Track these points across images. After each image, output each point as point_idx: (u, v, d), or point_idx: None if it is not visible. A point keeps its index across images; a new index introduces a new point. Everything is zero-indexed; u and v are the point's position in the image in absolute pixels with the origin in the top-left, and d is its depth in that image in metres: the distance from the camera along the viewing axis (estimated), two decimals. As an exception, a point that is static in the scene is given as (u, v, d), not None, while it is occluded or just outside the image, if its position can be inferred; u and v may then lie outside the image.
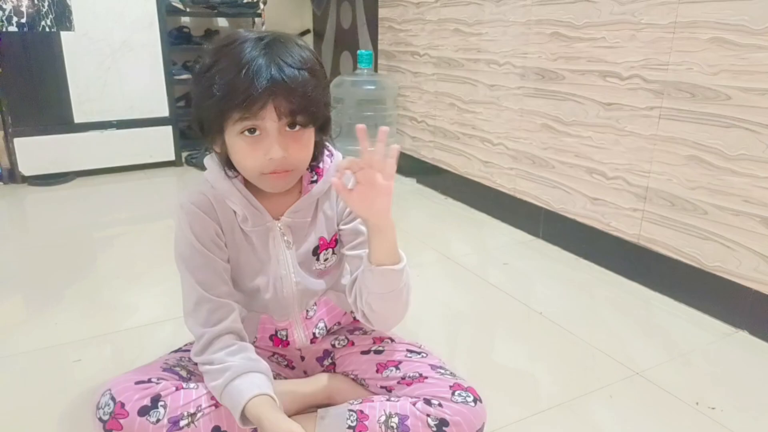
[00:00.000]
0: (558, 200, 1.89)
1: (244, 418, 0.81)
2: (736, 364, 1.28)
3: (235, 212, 0.91)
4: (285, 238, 0.95)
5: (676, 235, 1.52)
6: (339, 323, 1.06)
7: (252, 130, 0.81)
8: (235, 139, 0.83)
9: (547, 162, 1.90)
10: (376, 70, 2.80)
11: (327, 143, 0.96)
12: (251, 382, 0.83)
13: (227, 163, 0.89)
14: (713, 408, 1.11)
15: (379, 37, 2.80)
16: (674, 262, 1.53)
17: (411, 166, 2.66)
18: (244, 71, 0.78)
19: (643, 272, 1.63)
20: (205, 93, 0.82)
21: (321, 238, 0.98)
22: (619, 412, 1.10)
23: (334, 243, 1.00)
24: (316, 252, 0.98)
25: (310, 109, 0.82)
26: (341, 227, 0.99)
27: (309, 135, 0.86)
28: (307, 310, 1.00)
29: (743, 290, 1.38)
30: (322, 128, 0.90)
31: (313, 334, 1.01)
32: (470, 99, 2.22)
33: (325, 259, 0.99)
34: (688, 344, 1.34)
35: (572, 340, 1.36)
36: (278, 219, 0.94)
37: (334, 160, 0.98)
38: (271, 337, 1.01)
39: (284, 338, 1.00)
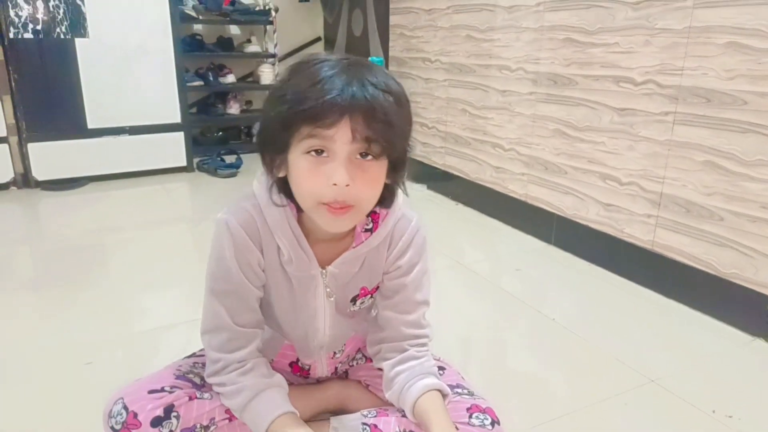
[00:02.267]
0: (571, 206, 1.87)
1: None
2: (754, 372, 1.25)
3: (279, 248, 0.82)
4: (327, 289, 0.87)
5: (691, 242, 1.51)
6: (359, 349, 1.04)
7: (319, 152, 0.71)
8: (299, 159, 0.72)
9: (560, 168, 1.89)
10: (387, 76, 2.80)
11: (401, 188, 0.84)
12: (270, 401, 0.81)
13: (282, 189, 0.79)
14: (730, 416, 1.09)
15: (391, 43, 2.81)
16: (689, 269, 1.51)
17: (422, 172, 2.66)
18: (319, 84, 0.69)
19: (657, 279, 1.61)
20: (273, 106, 0.73)
21: (362, 288, 0.90)
22: (634, 420, 1.09)
23: (375, 290, 0.92)
24: (354, 299, 0.91)
25: (389, 137, 0.71)
26: (386, 281, 0.90)
27: (381, 170, 0.75)
28: (335, 352, 0.97)
29: (761, 298, 1.36)
30: (396, 168, 0.78)
31: (336, 367, 1.00)
32: (482, 105, 2.22)
33: (362, 303, 0.92)
34: (704, 352, 1.32)
35: (586, 347, 1.34)
36: (324, 268, 0.85)
37: (394, 206, 0.85)
38: (291, 364, 0.98)
39: (305, 369, 0.99)
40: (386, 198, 0.81)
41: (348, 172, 0.71)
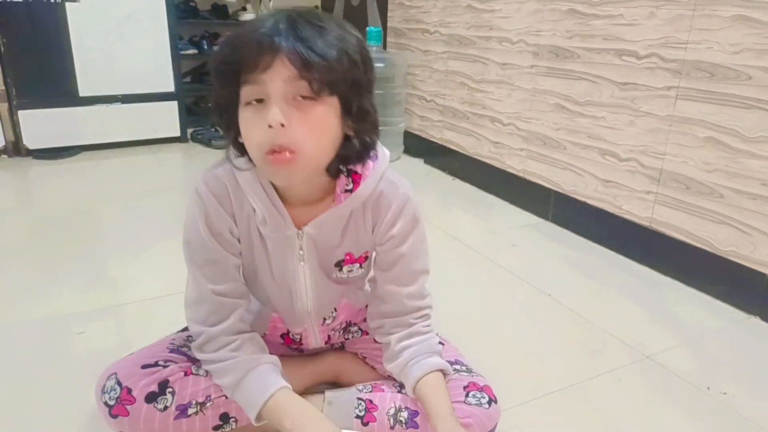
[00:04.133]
0: (569, 182, 1.86)
1: (259, 417, 0.78)
2: (749, 349, 1.25)
3: (254, 210, 0.80)
4: (304, 250, 0.84)
5: (689, 219, 1.49)
6: (352, 322, 1.00)
7: (260, 100, 0.70)
8: (242, 112, 0.72)
9: (559, 143, 1.87)
10: (384, 47, 2.76)
11: (374, 145, 0.80)
12: (263, 378, 0.79)
13: (238, 149, 0.77)
14: (725, 393, 1.09)
15: (389, 14, 2.75)
16: (687, 246, 1.51)
17: (419, 146, 2.63)
18: (250, 32, 0.69)
19: (654, 256, 1.60)
20: (214, 69, 0.72)
21: (347, 254, 0.87)
22: (629, 396, 1.09)
23: (362, 260, 0.89)
24: (339, 264, 0.88)
25: (324, 73, 0.68)
26: (378, 248, 0.88)
27: (325, 113, 0.71)
28: (325, 318, 0.94)
29: (757, 276, 1.36)
30: (357, 118, 0.75)
31: (329, 336, 0.97)
32: (481, 78, 2.18)
33: (349, 272, 0.89)
34: (700, 329, 1.32)
35: (581, 322, 1.34)
36: (301, 228, 0.82)
37: (377, 165, 0.82)
38: (282, 336, 0.96)
39: (297, 340, 0.96)
40: (353, 154, 0.78)
41: (284, 112, 0.68)
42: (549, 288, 1.48)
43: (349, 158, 0.78)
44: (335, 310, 0.94)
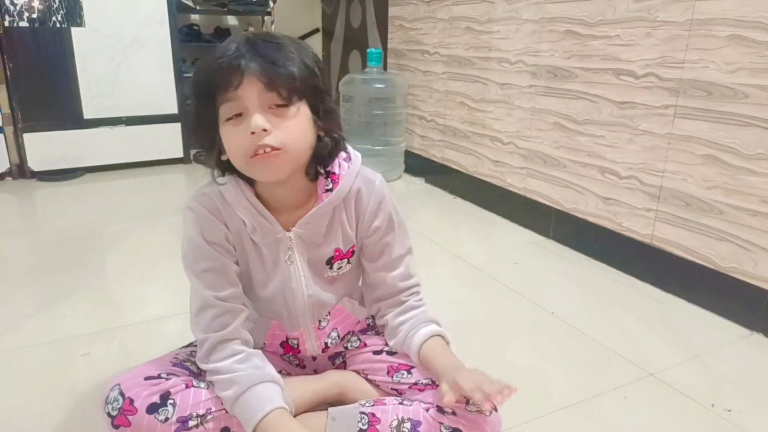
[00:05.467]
0: (569, 200, 1.87)
1: None
2: (752, 366, 1.25)
3: (244, 222, 0.87)
4: (296, 250, 0.90)
5: (690, 236, 1.50)
6: (352, 332, 1.03)
7: (238, 116, 0.79)
8: (224, 129, 0.80)
9: (559, 161, 1.88)
10: (385, 68, 2.79)
11: (344, 145, 0.90)
12: (263, 395, 0.81)
13: (229, 169, 0.85)
14: (729, 410, 1.09)
15: (389, 35, 2.79)
16: (688, 263, 1.51)
17: (420, 166, 2.65)
18: (218, 57, 0.78)
19: (656, 273, 1.60)
20: (191, 94, 0.82)
21: (336, 249, 0.94)
22: (634, 414, 1.08)
23: (350, 254, 0.95)
24: (329, 262, 0.94)
25: (291, 78, 0.78)
26: (364, 241, 0.95)
27: (300, 115, 0.81)
28: (320, 321, 0.97)
29: (759, 292, 1.36)
30: (324, 117, 0.85)
31: (326, 343, 0.99)
32: (481, 98, 2.21)
33: (339, 268, 0.95)
34: (703, 346, 1.32)
35: (585, 340, 1.34)
36: (289, 230, 0.89)
37: (352, 165, 0.92)
38: (282, 344, 0.99)
39: (296, 346, 0.98)
40: (326, 153, 0.86)
41: (265, 118, 0.77)
42: (552, 306, 1.49)
43: (323, 158, 0.87)
44: (329, 314, 0.98)
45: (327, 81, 0.86)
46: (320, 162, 0.88)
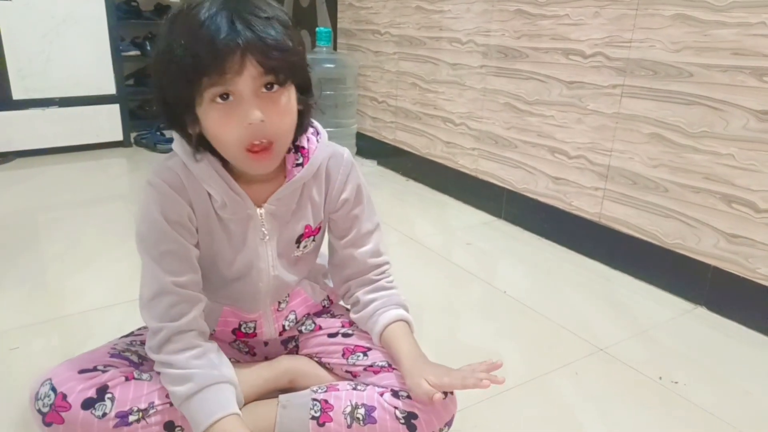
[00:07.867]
0: (520, 180, 1.88)
1: None
2: (697, 339, 1.29)
3: (210, 196, 0.81)
4: (266, 227, 0.86)
5: (636, 213, 1.53)
6: (308, 314, 1.00)
7: (225, 96, 0.71)
8: (208, 110, 0.72)
9: (510, 142, 1.89)
10: (335, 48, 2.73)
11: (312, 119, 0.86)
12: (216, 398, 0.76)
13: (200, 144, 0.78)
14: (676, 382, 1.12)
15: (339, 14, 2.73)
16: (635, 240, 1.54)
17: (372, 148, 2.61)
18: (203, 29, 0.68)
19: (604, 251, 1.63)
20: (164, 66, 0.71)
21: (306, 226, 0.90)
22: (585, 389, 1.10)
23: (318, 231, 0.92)
24: (299, 240, 0.90)
25: (288, 61, 0.72)
26: (333, 216, 0.93)
27: (290, 97, 0.76)
28: (279, 302, 0.94)
29: (702, 267, 1.40)
30: (304, 92, 0.80)
31: (283, 326, 0.96)
32: (432, 78, 2.19)
33: (305, 247, 0.92)
34: (650, 320, 1.35)
35: (536, 318, 1.35)
36: (260, 206, 0.84)
37: (321, 139, 0.88)
38: (233, 331, 0.94)
39: (251, 331, 0.94)
40: (304, 126, 0.83)
41: (259, 108, 0.72)
42: (504, 285, 1.49)
43: (301, 128, 0.82)
44: (288, 296, 0.95)
45: (304, 50, 0.81)
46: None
